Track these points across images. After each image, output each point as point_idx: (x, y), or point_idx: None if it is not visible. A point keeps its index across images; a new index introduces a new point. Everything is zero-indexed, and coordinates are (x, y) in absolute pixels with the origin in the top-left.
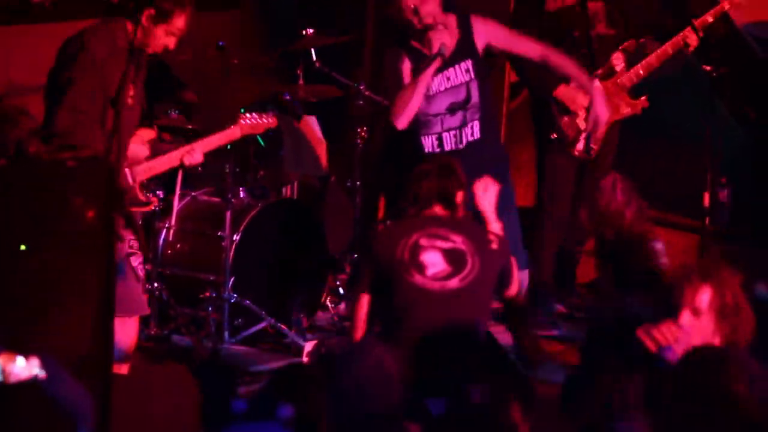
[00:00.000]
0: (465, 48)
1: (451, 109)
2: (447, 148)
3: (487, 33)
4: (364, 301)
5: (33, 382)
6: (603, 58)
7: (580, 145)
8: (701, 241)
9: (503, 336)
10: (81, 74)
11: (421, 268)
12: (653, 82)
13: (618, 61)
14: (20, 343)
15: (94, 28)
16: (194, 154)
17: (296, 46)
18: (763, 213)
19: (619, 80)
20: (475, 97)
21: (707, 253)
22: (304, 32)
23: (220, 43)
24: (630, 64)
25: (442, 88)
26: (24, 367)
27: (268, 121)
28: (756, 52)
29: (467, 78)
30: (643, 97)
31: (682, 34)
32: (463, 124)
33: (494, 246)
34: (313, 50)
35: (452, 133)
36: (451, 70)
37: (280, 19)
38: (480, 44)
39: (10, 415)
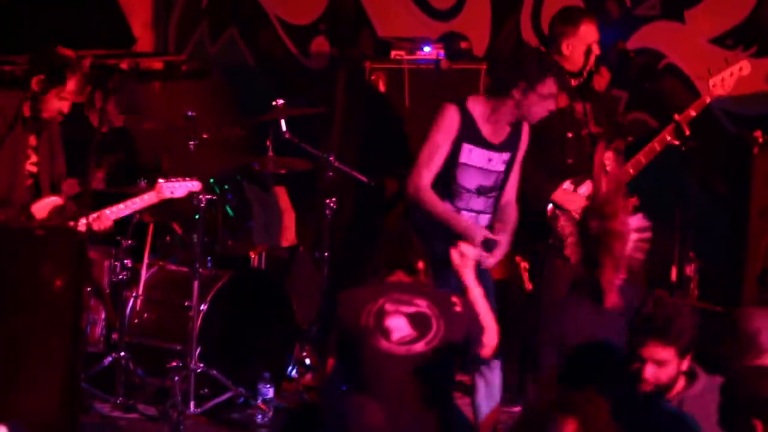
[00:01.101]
0: (512, 142)
1: (478, 191)
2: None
3: (526, 143)
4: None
5: None
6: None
7: None
8: None
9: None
10: None
11: (386, 333)
12: None
13: (608, 160)
14: None
15: None
16: (103, 219)
17: (266, 117)
18: (732, 288)
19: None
20: (497, 190)
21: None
22: (273, 103)
23: (189, 113)
24: (619, 163)
25: (479, 165)
26: None
27: (191, 185)
28: (726, 127)
29: (502, 168)
30: (633, 197)
31: (667, 130)
32: (483, 211)
33: (458, 309)
34: (283, 121)
35: (472, 215)
36: (495, 153)
37: (249, 89)
38: (521, 147)
39: None
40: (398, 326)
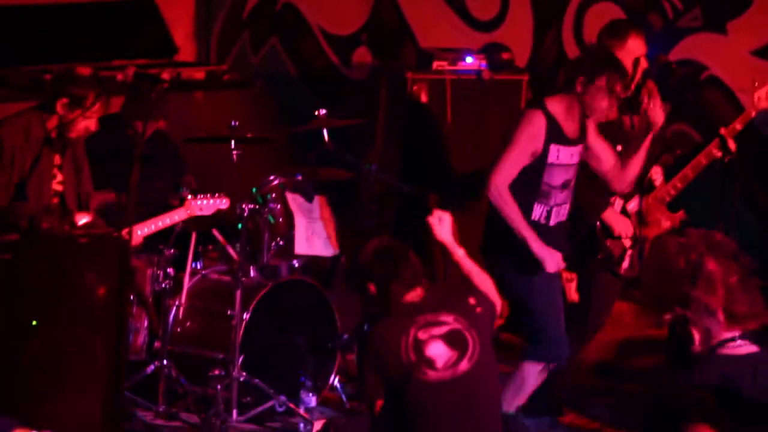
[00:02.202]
0: (583, 133)
1: (563, 186)
2: (551, 223)
3: (593, 131)
4: (379, 406)
5: None
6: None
7: (626, 263)
8: None
9: None
10: None
11: (431, 363)
12: None
13: (656, 175)
14: (33, 417)
15: (8, 119)
16: (132, 237)
17: (308, 127)
18: None
19: (658, 194)
20: (574, 180)
21: None
22: (315, 113)
23: (233, 123)
24: (668, 177)
25: (566, 163)
26: None
27: (219, 202)
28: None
29: (578, 160)
30: (681, 211)
31: (713, 143)
32: (564, 202)
33: (479, 309)
34: (325, 131)
35: (556, 209)
36: (575, 148)
37: (291, 99)
38: (589, 136)
39: None
40: (439, 353)
